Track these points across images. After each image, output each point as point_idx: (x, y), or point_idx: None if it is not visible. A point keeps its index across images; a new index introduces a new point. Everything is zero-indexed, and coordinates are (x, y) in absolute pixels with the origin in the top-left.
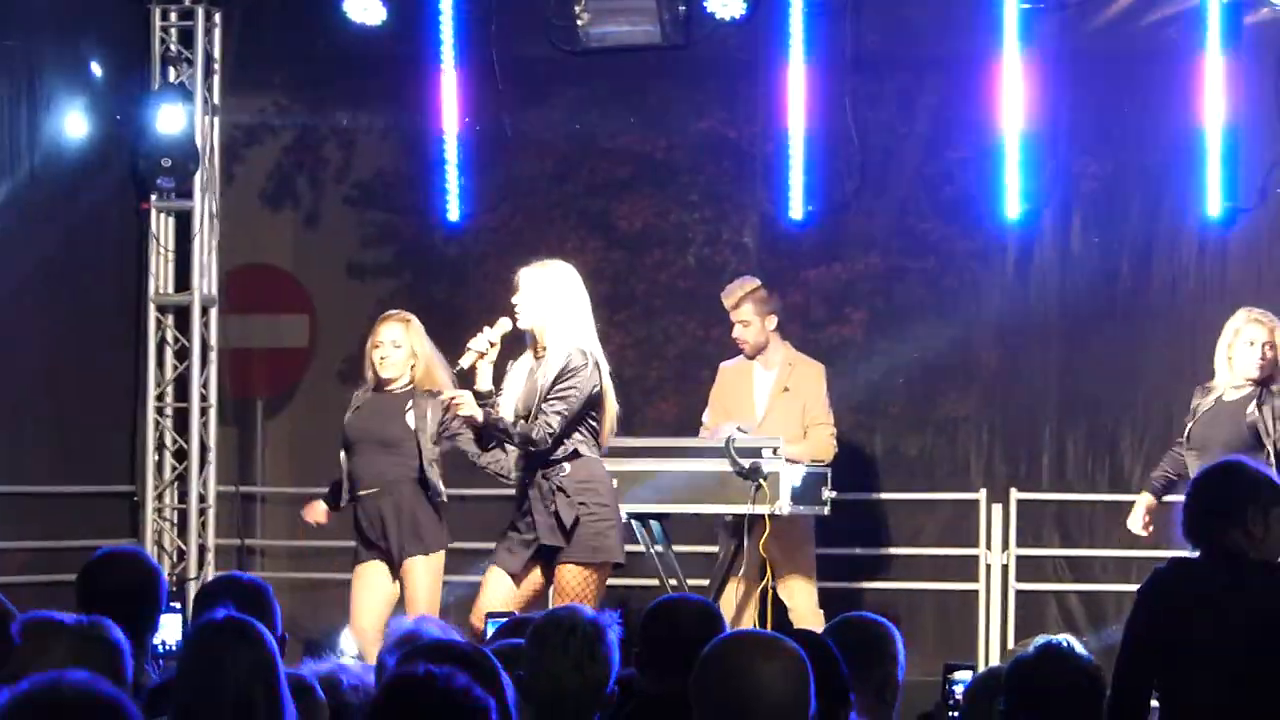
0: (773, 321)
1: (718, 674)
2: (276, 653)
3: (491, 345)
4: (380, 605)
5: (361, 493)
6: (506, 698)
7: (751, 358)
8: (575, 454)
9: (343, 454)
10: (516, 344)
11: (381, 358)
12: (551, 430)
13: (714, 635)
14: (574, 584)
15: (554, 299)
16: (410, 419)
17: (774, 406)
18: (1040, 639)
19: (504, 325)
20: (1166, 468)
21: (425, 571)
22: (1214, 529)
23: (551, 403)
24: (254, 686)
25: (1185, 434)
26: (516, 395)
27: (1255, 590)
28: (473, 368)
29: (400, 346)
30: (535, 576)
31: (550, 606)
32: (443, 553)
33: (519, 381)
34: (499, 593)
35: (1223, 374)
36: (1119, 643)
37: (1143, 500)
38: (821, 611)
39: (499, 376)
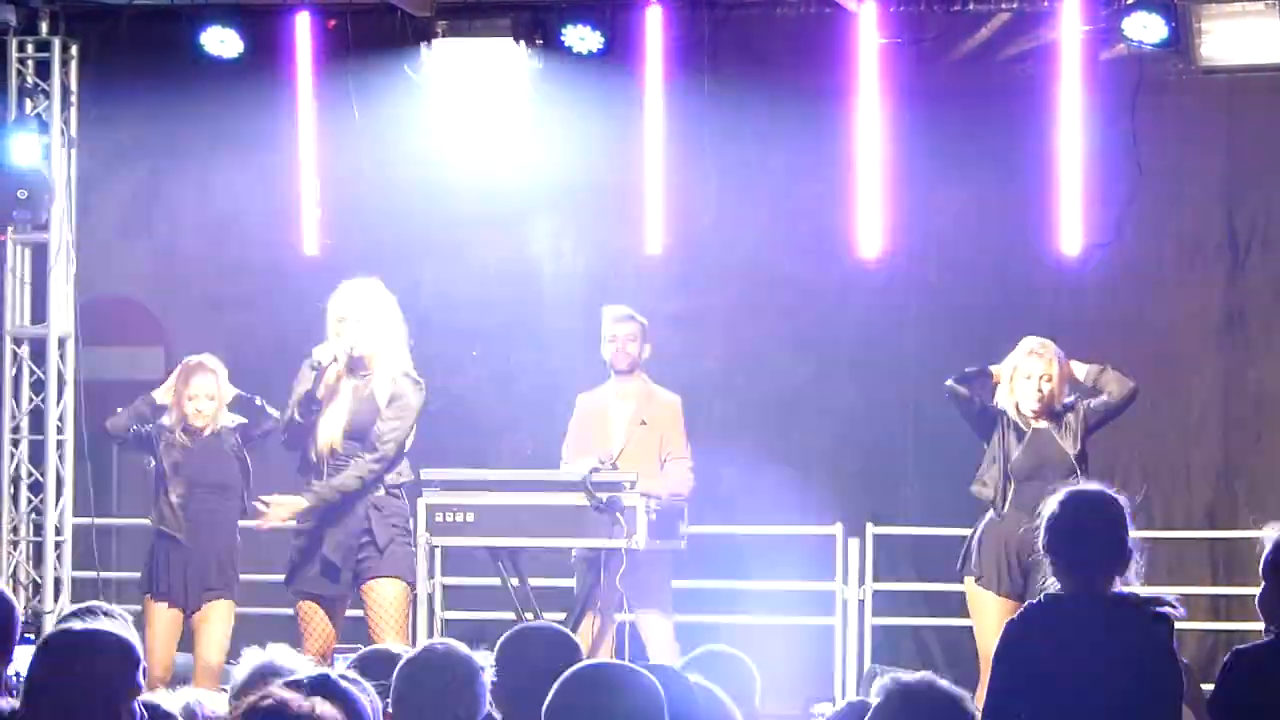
0: (648, 350)
1: (572, 704)
2: (133, 666)
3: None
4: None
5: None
6: None
7: (626, 371)
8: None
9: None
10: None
11: (197, 410)
12: (376, 469)
13: (569, 664)
14: (387, 599)
15: (381, 320)
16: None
17: (631, 438)
18: (899, 675)
19: (349, 343)
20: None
21: (229, 613)
22: (1079, 562)
23: (383, 432)
24: (106, 696)
25: (1004, 457)
26: (341, 415)
27: (1120, 628)
28: (323, 372)
29: (214, 399)
30: (328, 595)
31: (369, 622)
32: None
33: (342, 401)
34: (323, 627)
35: (1004, 401)
36: (976, 677)
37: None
38: (678, 645)
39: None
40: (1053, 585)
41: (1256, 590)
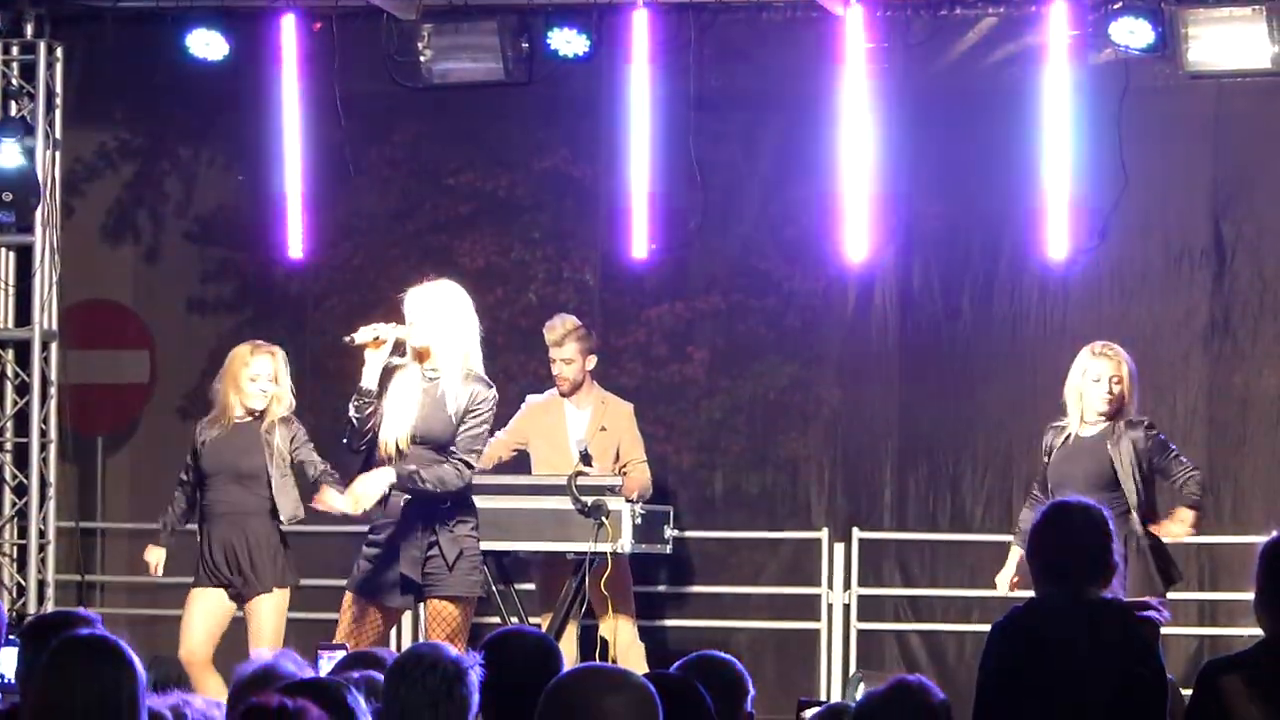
0: (592, 361)
1: (563, 708)
2: (141, 675)
3: (382, 341)
4: (215, 631)
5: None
6: None
7: (568, 395)
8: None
9: (184, 484)
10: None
11: (262, 390)
12: (468, 475)
13: (550, 669)
14: (451, 618)
15: (446, 318)
16: (267, 451)
17: (590, 444)
18: (892, 677)
19: (402, 331)
20: (1028, 517)
21: (272, 610)
22: (1064, 570)
23: (465, 442)
24: (116, 705)
25: (1042, 475)
26: (409, 414)
27: (1103, 632)
28: (361, 355)
29: (276, 381)
30: (397, 607)
31: (421, 639)
32: (288, 591)
33: (411, 399)
34: (360, 619)
35: (1073, 411)
36: (962, 682)
37: (1013, 556)
38: (642, 644)
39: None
40: None
41: (1242, 595)
